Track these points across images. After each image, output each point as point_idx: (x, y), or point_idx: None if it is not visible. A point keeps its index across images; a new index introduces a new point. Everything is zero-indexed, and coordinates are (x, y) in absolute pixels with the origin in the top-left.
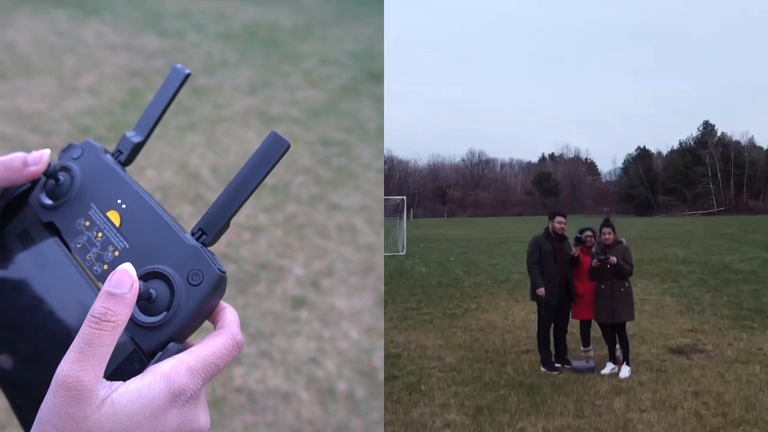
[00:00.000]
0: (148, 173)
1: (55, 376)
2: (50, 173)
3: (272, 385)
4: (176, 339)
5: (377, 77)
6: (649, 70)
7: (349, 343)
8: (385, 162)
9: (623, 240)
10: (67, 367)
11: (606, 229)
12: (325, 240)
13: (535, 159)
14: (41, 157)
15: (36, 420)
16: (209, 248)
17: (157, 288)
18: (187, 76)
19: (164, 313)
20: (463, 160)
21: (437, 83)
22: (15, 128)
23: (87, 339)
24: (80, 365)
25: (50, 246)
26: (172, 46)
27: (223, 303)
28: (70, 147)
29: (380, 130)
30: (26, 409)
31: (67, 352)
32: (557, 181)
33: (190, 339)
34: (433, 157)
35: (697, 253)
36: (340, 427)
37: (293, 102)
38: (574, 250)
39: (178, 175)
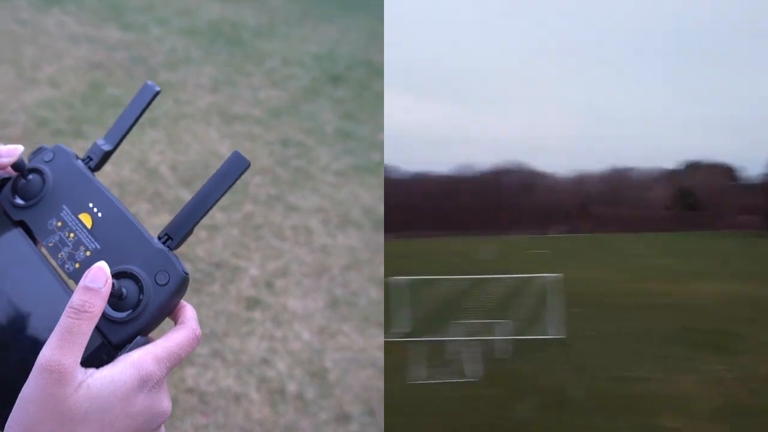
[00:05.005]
0: (106, 169)
1: (37, 360)
2: (20, 167)
3: (224, 385)
4: (142, 333)
5: (337, 80)
6: None
7: (301, 343)
8: (513, 172)
9: None
10: (49, 352)
11: None
12: (280, 241)
13: (670, 165)
14: (14, 151)
15: (18, 401)
16: (176, 248)
17: (126, 286)
18: (157, 93)
19: (132, 309)
20: (604, 172)
21: (575, 86)
22: None
23: (67, 328)
24: (61, 351)
25: (19, 243)
26: (135, 39)
27: (182, 301)
28: (41, 150)
29: (339, 132)
30: None
31: (48, 339)
32: (697, 194)
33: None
34: (575, 169)
35: None
36: (288, 427)
37: (255, 102)
38: None
39: (136, 172)
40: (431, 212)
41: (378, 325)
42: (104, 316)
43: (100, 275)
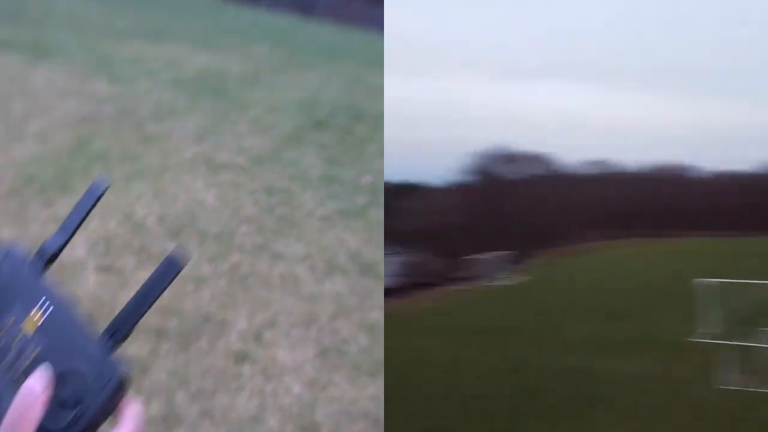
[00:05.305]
0: (91, 224)
1: None
2: None
3: None
4: None
5: (321, 125)
6: None
7: (292, 397)
8: None
9: None
10: None
11: None
12: (268, 290)
13: None
14: None
15: None
16: (118, 348)
17: (68, 388)
18: (107, 188)
19: (72, 412)
20: None
21: None
22: None
23: None
24: None
25: None
26: (122, 91)
27: (126, 399)
28: None
29: (324, 177)
30: None
31: None
32: None
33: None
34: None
35: None
36: None
37: (239, 150)
38: None
39: (122, 225)
40: (736, 211)
41: (369, 373)
42: (43, 426)
43: (37, 383)
